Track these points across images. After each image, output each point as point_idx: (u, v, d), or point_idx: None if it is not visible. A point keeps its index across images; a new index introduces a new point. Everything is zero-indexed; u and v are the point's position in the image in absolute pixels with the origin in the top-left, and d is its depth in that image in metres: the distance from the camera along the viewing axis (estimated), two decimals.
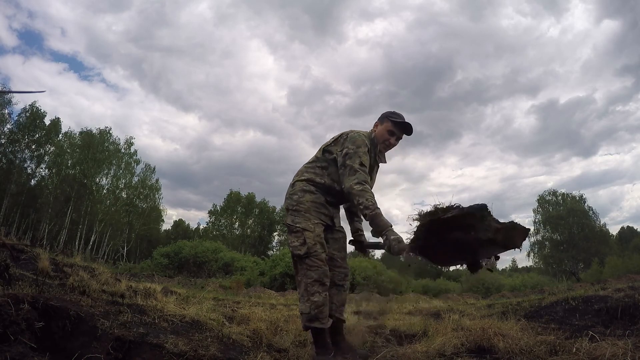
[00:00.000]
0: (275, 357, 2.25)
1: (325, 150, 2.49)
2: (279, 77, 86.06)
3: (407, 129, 2.50)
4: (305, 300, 2.24)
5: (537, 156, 72.93)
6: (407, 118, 2.52)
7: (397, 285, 18.92)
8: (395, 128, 2.48)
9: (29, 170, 30.34)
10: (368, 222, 2.15)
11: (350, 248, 2.68)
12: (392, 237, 2.01)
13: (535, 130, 69.34)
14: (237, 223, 43.02)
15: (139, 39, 65.49)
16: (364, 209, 2.13)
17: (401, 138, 2.54)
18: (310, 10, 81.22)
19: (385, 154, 2.59)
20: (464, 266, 1.83)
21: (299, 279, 2.32)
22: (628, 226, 48.75)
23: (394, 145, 2.54)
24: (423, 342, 2.54)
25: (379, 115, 2.58)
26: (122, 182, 33.89)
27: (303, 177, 2.48)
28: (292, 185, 2.51)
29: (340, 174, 2.35)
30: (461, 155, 77.35)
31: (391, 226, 2.07)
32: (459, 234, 1.67)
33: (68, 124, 60.85)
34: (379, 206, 2.12)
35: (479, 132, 72.60)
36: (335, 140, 2.48)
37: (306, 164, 2.57)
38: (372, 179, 2.53)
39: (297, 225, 2.34)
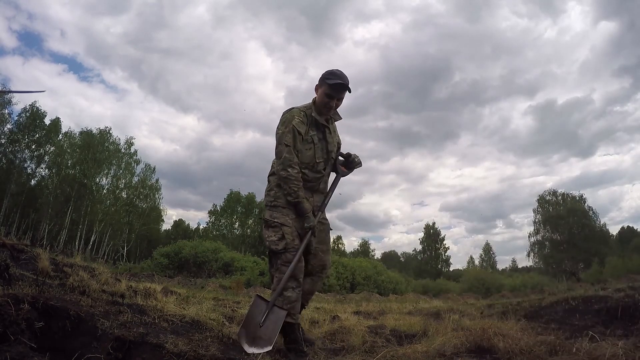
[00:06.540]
0: (275, 357, 2.24)
1: None
2: (277, 79, 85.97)
3: (343, 89, 2.36)
4: (278, 295, 2.25)
5: (536, 157, 73.14)
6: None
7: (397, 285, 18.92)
8: (331, 91, 2.36)
9: (29, 170, 30.35)
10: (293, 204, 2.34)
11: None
12: (306, 224, 2.30)
13: (533, 131, 69.37)
14: (237, 223, 42.99)
15: (137, 41, 65.54)
16: (288, 196, 2.31)
17: (342, 98, 2.42)
18: (307, 11, 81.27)
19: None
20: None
21: (273, 273, 2.33)
22: (628, 226, 48.64)
23: (335, 106, 2.44)
24: (423, 342, 2.54)
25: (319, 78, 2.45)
26: (122, 182, 33.87)
27: (272, 171, 2.45)
28: (268, 181, 2.50)
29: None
30: (459, 156, 77.40)
31: (309, 212, 2.34)
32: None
33: (68, 125, 60.72)
34: (300, 195, 2.31)
35: (477, 132, 72.54)
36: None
37: None
38: (329, 142, 2.50)
39: (276, 220, 2.33)
